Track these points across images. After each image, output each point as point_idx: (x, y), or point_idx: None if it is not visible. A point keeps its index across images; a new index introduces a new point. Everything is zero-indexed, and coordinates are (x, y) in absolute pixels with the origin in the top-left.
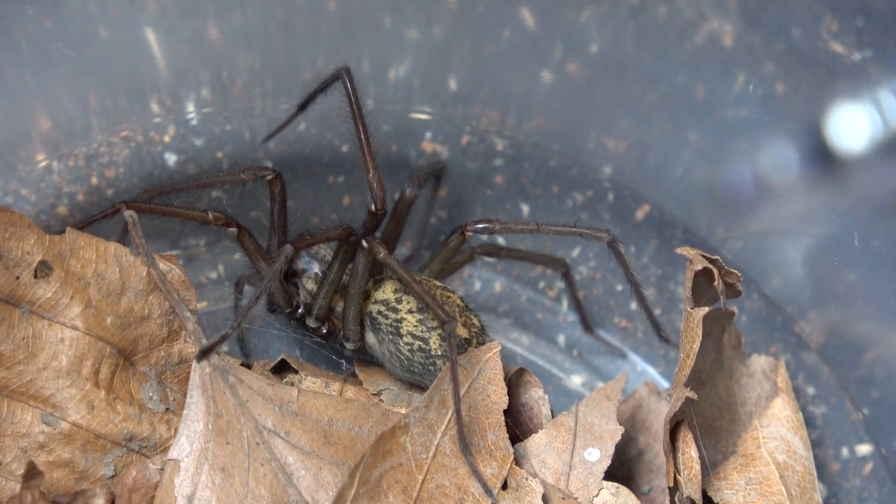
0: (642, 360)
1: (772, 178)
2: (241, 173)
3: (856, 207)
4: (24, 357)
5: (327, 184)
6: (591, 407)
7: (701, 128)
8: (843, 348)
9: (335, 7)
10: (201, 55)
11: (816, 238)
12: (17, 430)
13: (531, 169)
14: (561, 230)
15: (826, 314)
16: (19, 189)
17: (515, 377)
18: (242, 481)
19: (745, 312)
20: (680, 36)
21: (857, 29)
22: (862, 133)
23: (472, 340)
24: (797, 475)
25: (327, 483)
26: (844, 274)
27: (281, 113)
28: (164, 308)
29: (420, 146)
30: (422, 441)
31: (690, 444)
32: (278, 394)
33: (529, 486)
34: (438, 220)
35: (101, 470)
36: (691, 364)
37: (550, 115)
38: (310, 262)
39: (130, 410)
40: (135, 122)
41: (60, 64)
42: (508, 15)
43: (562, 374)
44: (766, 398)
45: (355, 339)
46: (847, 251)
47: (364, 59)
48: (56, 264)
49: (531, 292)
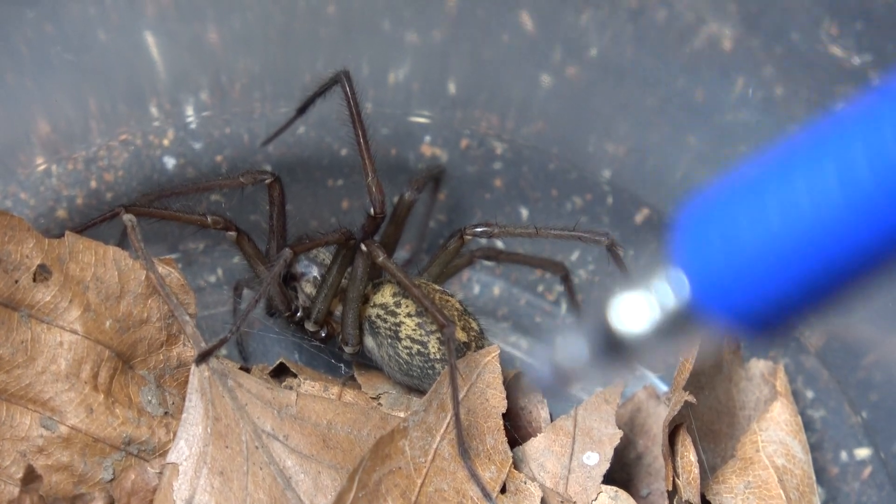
0: (641, 364)
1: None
2: (240, 177)
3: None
4: (22, 361)
5: (326, 187)
6: (589, 411)
7: (700, 131)
8: (842, 352)
9: (335, 11)
10: (200, 59)
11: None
12: (15, 433)
13: (530, 172)
14: (560, 234)
15: (825, 318)
16: (18, 193)
17: (514, 381)
18: (241, 485)
19: None
20: (679, 39)
21: (857, 32)
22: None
23: (470, 344)
24: (796, 479)
25: (326, 487)
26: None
27: (280, 116)
28: (162, 312)
29: (419, 150)
30: (420, 445)
31: (689, 447)
32: (277, 397)
33: (528, 490)
34: (437, 224)
35: (100, 474)
36: (690, 368)
37: (550, 119)
38: (309, 266)
39: (129, 414)
40: (134, 126)
41: (60, 68)
42: (507, 19)
43: None
44: (765, 402)
45: (354, 342)
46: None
47: (363, 62)
48: (55, 268)
49: (530, 296)
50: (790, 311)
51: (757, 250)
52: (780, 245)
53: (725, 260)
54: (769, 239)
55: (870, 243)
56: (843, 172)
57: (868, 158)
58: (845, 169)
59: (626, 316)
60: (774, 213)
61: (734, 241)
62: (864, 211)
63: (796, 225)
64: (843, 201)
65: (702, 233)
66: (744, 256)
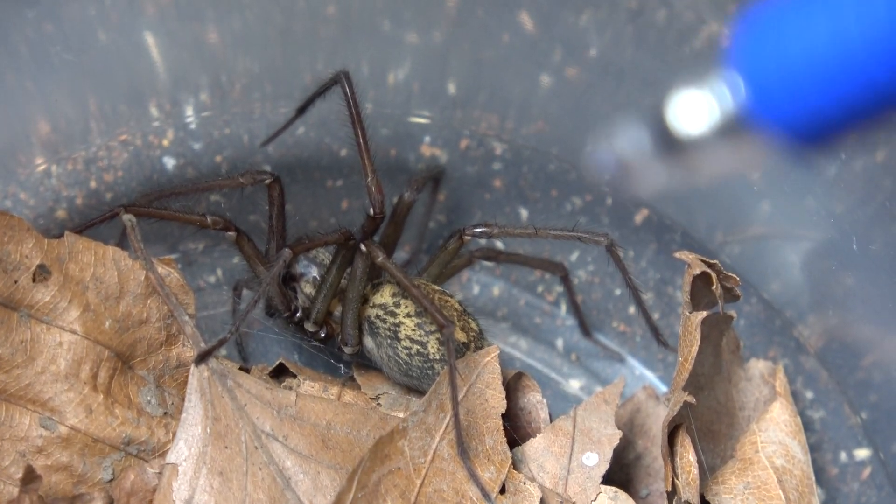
0: (641, 365)
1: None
2: (239, 177)
3: (854, 211)
4: (22, 361)
5: (326, 188)
6: (589, 411)
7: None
8: (841, 352)
9: (334, 11)
10: (200, 59)
11: (815, 242)
12: (15, 433)
13: (530, 173)
14: (559, 234)
15: (824, 318)
16: (18, 193)
17: (514, 381)
18: (241, 485)
19: (743, 316)
20: (679, 40)
21: None
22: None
23: (470, 344)
24: (795, 479)
25: (325, 487)
26: (843, 278)
27: (280, 117)
28: (162, 312)
29: (419, 150)
30: (420, 445)
31: (689, 448)
32: (276, 398)
33: (527, 491)
34: (437, 224)
35: (100, 474)
36: (689, 368)
37: (549, 119)
38: (308, 266)
39: (129, 414)
40: (134, 126)
41: (60, 68)
42: (507, 19)
43: (560, 378)
44: (764, 402)
45: (353, 343)
46: (846, 255)
47: (363, 62)
48: (54, 268)
49: (530, 296)
50: (837, 127)
51: (807, 65)
52: (828, 62)
53: (778, 69)
54: (818, 55)
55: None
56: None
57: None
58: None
59: (684, 114)
60: (823, 29)
61: (786, 53)
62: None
63: (843, 44)
64: (889, 20)
65: (757, 40)
66: (794, 69)
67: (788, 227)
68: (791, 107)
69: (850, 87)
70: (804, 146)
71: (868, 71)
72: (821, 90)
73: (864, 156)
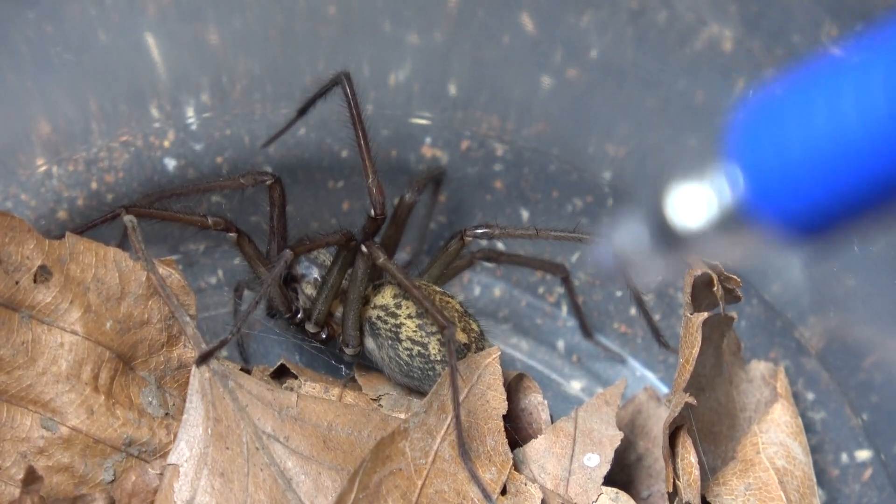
0: (642, 366)
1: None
2: (240, 178)
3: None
4: (23, 362)
5: (327, 189)
6: (590, 412)
7: (700, 133)
8: (842, 353)
9: (335, 11)
10: (201, 60)
11: (816, 242)
12: (16, 434)
13: (531, 174)
14: (561, 235)
15: (825, 319)
16: (19, 194)
17: (515, 382)
18: (242, 486)
19: (744, 318)
20: (680, 41)
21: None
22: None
23: (471, 345)
24: (796, 481)
25: (326, 488)
26: (844, 279)
27: (281, 117)
28: (163, 313)
29: (420, 151)
30: (421, 446)
31: (690, 449)
32: (278, 399)
33: (528, 492)
34: (438, 225)
35: (101, 475)
36: (690, 369)
37: (550, 120)
38: (309, 267)
39: (130, 415)
40: (134, 127)
41: (60, 68)
42: (508, 20)
43: (561, 379)
44: (765, 403)
45: (354, 344)
46: (846, 256)
47: (364, 63)
48: (55, 269)
49: (531, 297)
50: (837, 220)
51: (806, 157)
52: (828, 155)
53: (777, 162)
54: (817, 147)
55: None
56: (891, 89)
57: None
58: (892, 86)
59: (682, 208)
60: (822, 122)
61: (785, 146)
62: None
63: (843, 136)
64: (889, 113)
65: (756, 132)
66: (794, 162)
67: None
68: (791, 199)
69: (850, 180)
70: (803, 238)
71: (868, 163)
72: (820, 182)
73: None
